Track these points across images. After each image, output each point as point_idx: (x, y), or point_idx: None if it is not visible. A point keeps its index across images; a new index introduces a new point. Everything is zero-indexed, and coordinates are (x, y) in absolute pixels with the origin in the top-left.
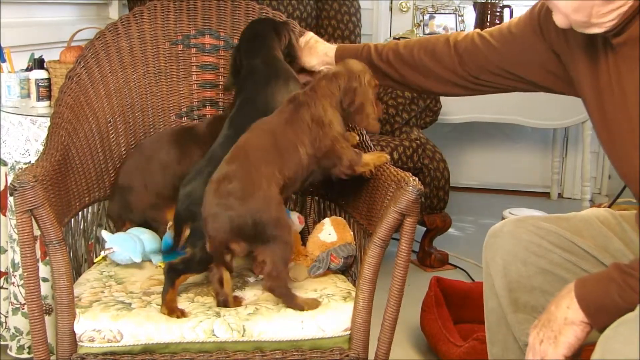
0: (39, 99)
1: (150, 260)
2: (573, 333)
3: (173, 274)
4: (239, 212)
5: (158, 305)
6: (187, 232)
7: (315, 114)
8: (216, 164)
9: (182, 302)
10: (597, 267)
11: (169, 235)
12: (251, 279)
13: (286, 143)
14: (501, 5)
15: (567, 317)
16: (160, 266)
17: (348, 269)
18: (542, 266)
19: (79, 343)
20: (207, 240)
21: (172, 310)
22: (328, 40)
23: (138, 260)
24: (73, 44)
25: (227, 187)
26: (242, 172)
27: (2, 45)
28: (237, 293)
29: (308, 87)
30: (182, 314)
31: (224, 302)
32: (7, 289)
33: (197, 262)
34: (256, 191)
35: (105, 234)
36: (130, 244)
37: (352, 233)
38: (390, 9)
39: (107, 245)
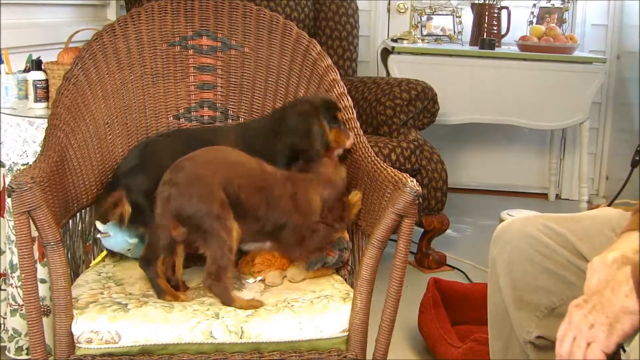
0: (36, 100)
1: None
2: (630, 322)
3: (151, 267)
4: (180, 192)
5: (156, 305)
6: (126, 207)
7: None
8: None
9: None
10: None
11: None
12: (250, 281)
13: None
14: (499, 6)
15: (626, 305)
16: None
17: (344, 266)
18: (548, 266)
19: (76, 344)
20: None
21: (174, 295)
22: (326, 42)
23: (134, 240)
24: (71, 45)
25: (177, 173)
26: (194, 164)
27: (0, 47)
28: (236, 294)
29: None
30: (185, 289)
31: (175, 287)
32: (5, 290)
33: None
34: (202, 180)
35: (98, 223)
36: (124, 228)
37: None
38: (388, 10)
39: (102, 231)
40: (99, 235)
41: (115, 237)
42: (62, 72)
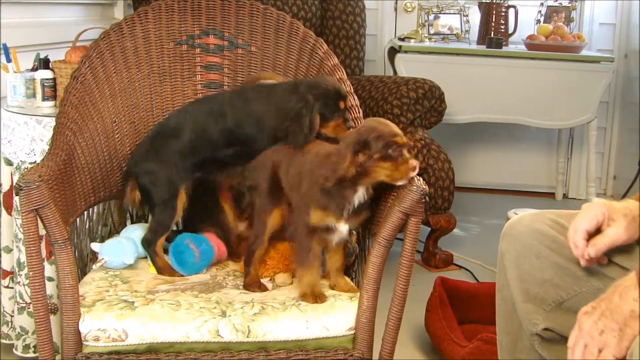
0: (44, 98)
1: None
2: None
3: (150, 246)
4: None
5: (163, 304)
6: (136, 194)
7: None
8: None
9: (186, 298)
10: (610, 267)
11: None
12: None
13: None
14: (506, 5)
15: (635, 310)
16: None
17: (351, 267)
18: (556, 260)
19: (84, 342)
20: None
21: (171, 273)
22: (333, 41)
23: (131, 262)
24: (78, 44)
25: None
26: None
27: (8, 45)
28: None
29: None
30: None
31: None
32: (12, 288)
33: (157, 224)
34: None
35: (95, 245)
36: (120, 249)
37: (353, 232)
38: (395, 9)
39: (99, 257)
40: (95, 266)
41: (113, 261)
42: (69, 70)
